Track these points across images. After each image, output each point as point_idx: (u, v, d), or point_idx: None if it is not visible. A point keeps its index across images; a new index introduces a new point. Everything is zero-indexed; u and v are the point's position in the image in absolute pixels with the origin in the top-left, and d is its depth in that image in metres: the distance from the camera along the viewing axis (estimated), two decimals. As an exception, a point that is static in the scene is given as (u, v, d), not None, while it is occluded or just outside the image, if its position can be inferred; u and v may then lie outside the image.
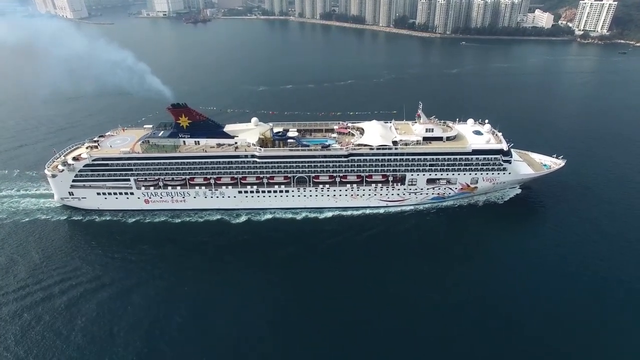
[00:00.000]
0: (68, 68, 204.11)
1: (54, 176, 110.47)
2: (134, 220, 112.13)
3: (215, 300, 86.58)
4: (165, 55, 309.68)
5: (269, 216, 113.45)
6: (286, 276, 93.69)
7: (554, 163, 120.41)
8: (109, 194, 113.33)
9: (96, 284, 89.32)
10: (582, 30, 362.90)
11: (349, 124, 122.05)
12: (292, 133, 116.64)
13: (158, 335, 78.09)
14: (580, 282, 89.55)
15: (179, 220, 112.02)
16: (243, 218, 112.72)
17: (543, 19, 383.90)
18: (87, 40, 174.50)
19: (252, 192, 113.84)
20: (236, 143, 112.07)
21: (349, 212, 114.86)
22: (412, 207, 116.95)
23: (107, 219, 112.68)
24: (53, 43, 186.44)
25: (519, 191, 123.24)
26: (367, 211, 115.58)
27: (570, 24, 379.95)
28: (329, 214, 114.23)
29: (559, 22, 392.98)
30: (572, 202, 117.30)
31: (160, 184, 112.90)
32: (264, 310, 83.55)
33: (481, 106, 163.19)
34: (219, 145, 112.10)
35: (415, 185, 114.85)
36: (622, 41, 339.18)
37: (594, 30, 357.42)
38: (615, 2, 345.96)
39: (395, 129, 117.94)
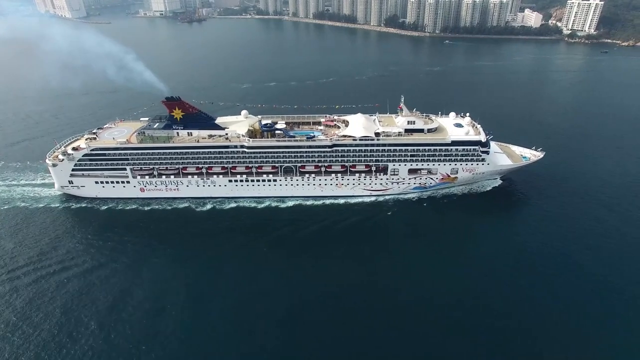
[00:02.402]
0: (64, 65, 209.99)
1: (54, 165, 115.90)
2: (130, 208, 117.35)
3: (199, 286, 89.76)
4: (157, 53, 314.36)
5: (257, 205, 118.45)
6: (269, 263, 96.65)
7: (533, 155, 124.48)
8: (107, 182, 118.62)
9: (87, 266, 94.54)
10: (570, 29, 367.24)
11: (335, 117, 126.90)
12: (281, 125, 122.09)
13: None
14: (555, 271, 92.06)
15: (148, 208, 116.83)
16: (233, 205, 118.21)
17: (532, 18, 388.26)
18: (81, 39, 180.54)
19: (241, 181, 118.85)
20: (227, 134, 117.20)
21: (335, 201, 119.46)
22: (395, 197, 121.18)
23: (104, 207, 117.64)
24: (46, 41, 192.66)
25: (499, 182, 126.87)
26: (352, 200, 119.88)
27: (559, 24, 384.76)
28: (312, 203, 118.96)
29: (549, 21, 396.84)
30: (550, 193, 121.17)
31: (155, 173, 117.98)
32: (244, 298, 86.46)
33: (466, 102, 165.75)
34: (210, 136, 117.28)
35: (397, 175, 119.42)
36: (609, 40, 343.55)
37: (582, 30, 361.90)
38: (602, 2, 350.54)
39: (379, 121, 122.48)
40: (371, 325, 79.99)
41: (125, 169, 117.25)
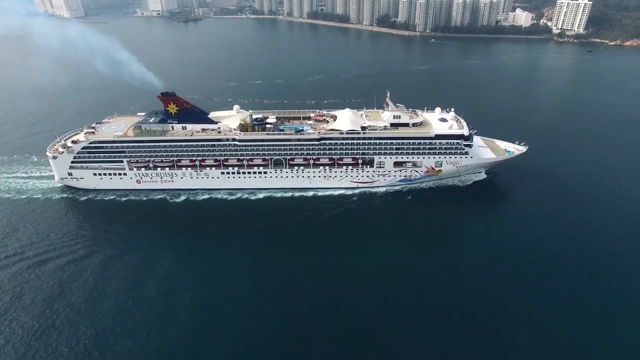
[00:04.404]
0: (61, 64, 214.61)
1: (54, 158, 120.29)
2: (126, 199, 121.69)
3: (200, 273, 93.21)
4: (148, 51, 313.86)
5: (249, 196, 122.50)
6: (255, 251, 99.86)
7: (516, 149, 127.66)
8: (104, 174, 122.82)
9: (83, 253, 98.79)
10: (560, 29, 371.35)
11: (324, 112, 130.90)
12: (271, 120, 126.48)
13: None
14: (535, 263, 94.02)
15: (125, 199, 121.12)
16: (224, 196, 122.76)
17: (522, 17, 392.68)
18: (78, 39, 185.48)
19: (233, 173, 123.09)
20: (219, 128, 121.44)
21: (322, 193, 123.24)
22: (381, 189, 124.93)
23: (101, 198, 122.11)
24: (38, 39, 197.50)
25: (484, 175, 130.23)
26: (339, 192, 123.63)
27: (549, 23, 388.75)
28: (301, 194, 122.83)
29: (541, 21, 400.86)
30: (533, 187, 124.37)
31: (151, 165, 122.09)
32: (224, 290, 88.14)
33: (453, 99, 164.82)
34: (203, 130, 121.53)
35: (383, 167, 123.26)
36: (598, 40, 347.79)
37: (571, 30, 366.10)
38: (590, 2, 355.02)
39: (366, 116, 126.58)
40: (351, 319, 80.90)
41: (122, 162, 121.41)
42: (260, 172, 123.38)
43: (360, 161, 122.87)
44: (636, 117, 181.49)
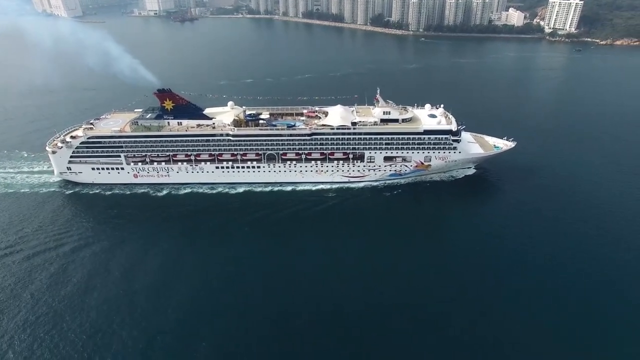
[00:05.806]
0: (59, 63, 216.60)
1: (54, 152, 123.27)
2: (110, 193, 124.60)
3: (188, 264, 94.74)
4: (144, 50, 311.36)
5: (242, 190, 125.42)
6: (240, 247, 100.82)
7: (505, 145, 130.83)
8: (102, 169, 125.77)
9: (80, 244, 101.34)
10: (552, 28, 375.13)
11: (317, 109, 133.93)
12: (265, 116, 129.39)
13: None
14: (528, 261, 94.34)
15: (110, 193, 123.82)
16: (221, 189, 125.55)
17: (515, 17, 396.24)
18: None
19: (228, 167, 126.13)
20: (214, 124, 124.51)
21: (314, 187, 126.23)
22: (371, 183, 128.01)
23: (99, 192, 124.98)
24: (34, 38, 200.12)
25: (473, 171, 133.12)
26: (329, 186, 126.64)
27: (542, 22, 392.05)
28: (292, 188, 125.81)
29: (534, 20, 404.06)
30: (521, 183, 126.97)
31: (147, 160, 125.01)
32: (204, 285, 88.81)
33: (444, 97, 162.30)
34: (198, 125, 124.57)
35: (373, 162, 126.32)
36: (589, 39, 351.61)
37: (563, 29, 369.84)
38: (582, 2, 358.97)
39: (357, 112, 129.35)
40: (340, 317, 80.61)
41: (119, 156, 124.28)
42: (253, 167, 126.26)
43: (350, 156, 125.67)
44: (628, 115, 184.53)
